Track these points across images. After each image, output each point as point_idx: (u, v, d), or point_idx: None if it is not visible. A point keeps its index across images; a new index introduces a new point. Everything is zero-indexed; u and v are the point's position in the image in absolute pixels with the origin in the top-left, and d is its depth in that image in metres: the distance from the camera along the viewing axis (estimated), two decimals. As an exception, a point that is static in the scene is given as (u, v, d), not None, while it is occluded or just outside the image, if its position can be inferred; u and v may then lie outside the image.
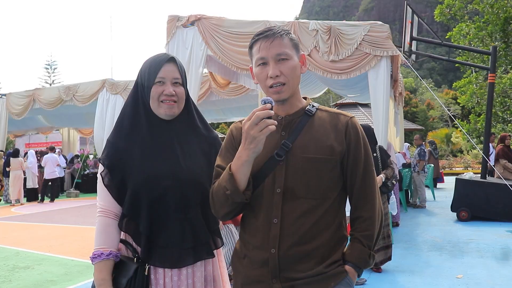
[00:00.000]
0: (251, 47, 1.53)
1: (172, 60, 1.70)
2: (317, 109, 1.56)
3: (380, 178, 4.80)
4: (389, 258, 4.89)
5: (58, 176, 13.73)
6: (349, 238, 1.57)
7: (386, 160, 5.05)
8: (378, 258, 4.79)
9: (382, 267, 4.91)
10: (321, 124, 1.52)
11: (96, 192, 1.76)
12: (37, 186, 13.78)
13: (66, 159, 16.31)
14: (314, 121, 1.52)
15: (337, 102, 27.84)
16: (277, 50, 1.46)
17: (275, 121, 1.34)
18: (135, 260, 1.62)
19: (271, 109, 1.33)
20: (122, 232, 1.68)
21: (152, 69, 1.67)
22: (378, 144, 5.22)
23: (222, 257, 1.86)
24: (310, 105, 1.56)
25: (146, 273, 1.60)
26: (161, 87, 1.66)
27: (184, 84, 1.73)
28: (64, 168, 15.52)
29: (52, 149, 13.98)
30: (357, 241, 1.50)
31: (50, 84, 44.91)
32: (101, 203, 1.67)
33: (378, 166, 4.96)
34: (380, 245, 4.83)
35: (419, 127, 30.02)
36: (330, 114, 1.55)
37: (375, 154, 4.97)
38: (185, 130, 1.75)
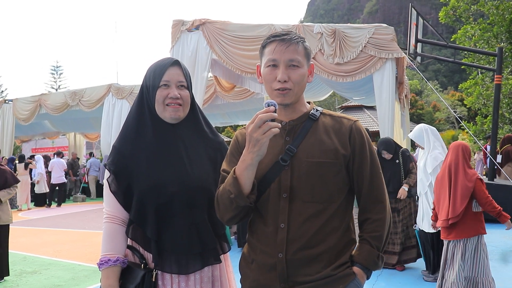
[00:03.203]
0: (264, 46, 1.52)
1: (176, 63, 1.70)
2: (321, 113, 1.56)
3: (403, 190, 4.78)
4: (414, 260, 4.94)
5: (65, 180, 13.79)
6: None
7: (409, 165, 4.95)
8: (405, 256, 4.90)
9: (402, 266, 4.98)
10: (325, 128, 1.51)
11: (102, 196, 1.75)
12: (47, 191, 13.78)
13: (78, 164, 16.37)
14: (318, 125, 1.52)
15: (343, 105, 27.83)
16: (290, 55, 1.45)
17: (279, 124, 1.33)
18: (142, 266, 1.61)
19: (275, 111, 1.32)
20: (129, 238, 1.67)
21: (157, 73, 1.67)
22: (402, 148, 5.16)
23: (229, 262, 1.85)
24: (314, 109, 1.56)
25: (153, 279, 1.59)
26: (166, 90, 1.66)
27: (189, 87, 1.72)
28: (77, 174, 15.61)
29: (59, 154, 14.01)
30: (366, 242, 1.49)
31: (56, 89, 45.33)
32: (107, 209, 1.67)
33: (400, 173, 4.91)
34: (406, 245, 4.90)
35: (425, 129, 29.84)
36: (334, 118, 1.55)
37: (397, 161, 4.93)
38: (191, 134, 1.74)
